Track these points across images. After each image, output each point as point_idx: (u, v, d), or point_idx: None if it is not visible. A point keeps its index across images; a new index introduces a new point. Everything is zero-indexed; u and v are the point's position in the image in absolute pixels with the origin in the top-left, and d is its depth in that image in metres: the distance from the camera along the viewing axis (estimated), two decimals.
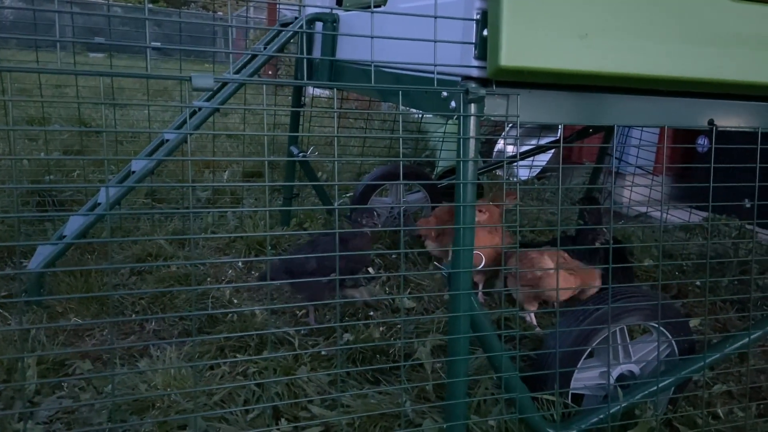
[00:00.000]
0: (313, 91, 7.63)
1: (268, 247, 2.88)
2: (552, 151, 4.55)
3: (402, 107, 1.72)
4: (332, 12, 2.55)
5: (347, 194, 3.87)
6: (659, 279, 1.76)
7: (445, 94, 1.48)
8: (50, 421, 1.69)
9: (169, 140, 2.54)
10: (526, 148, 3.83)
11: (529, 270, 2.26)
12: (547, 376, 1.65)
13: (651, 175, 3.66)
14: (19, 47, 8.68)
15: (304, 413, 1.74)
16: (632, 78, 1.42)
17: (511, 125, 3.19)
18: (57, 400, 1.77)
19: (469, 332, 1.46)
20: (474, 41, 1.37)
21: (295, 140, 3.38)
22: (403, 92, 1.71)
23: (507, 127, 4.51)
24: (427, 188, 3.50)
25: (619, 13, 1.36)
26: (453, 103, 1.45)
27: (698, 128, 1.66)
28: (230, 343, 2.07)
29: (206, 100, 2.63)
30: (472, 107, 1.38)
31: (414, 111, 4.22)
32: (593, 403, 1.76)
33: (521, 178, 4.57)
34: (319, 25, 2.58)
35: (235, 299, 2.47)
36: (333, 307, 2.38)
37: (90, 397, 1.77)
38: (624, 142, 3.99)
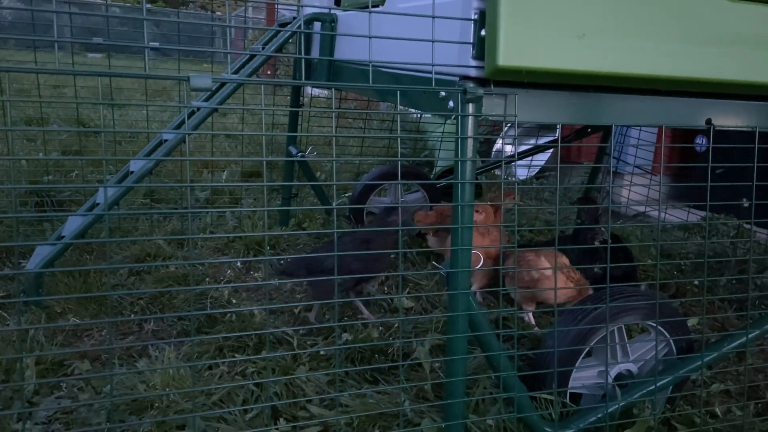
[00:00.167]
0: (312, 91, 7.63)
1: (267, 247, 2.88)
2: (550, 150, 4.55)
3: (400, 107, 1.72)
4: (330, 12, 2.56)
5: (346, 194, 3.87)
6: (657, 278, 1.76)
7: (443, 93, 1.48)
8: (49, 422, 1.69)
9: (167, 140, 2.54)
10: (524, 147, 3.84)
11: (526, 270, 2.26)
12: (545, 376, 1.65)
13: (649, 175, 3.66)
14: (17, 47, 8.67)
15: (303, 413, 1.74)
16: (630, 78, 1.42)
17: (509, 125, 3.19)
18: (56, 400, 1.77)
19: (467, 332, 1.46)
20: (472, 41, 1.37)
21: (294, 140, 3.38)
22: (401, 92, 1.70)
23: (505, 127, 4.52)
24: (425, 188, 3.51)
25: (617, 12, 1.36)
26: (451, 103, 1.45)
27: (696, 128, 1.66)
28: (229, 343, 2.07)
29: (205, 100, 2.63)
30: (470, 107, 1.38)
31: (412, 111, 4.22)
32: (591, 402, 1.76)
33: (520, 177, 4.56)
34: (317, 25, 2.58)
35: (234, 299, 2.47)
36: (333, 307, 2.38)
37: (89, 398, 1.77)
38: (622, 141, 4.00)
